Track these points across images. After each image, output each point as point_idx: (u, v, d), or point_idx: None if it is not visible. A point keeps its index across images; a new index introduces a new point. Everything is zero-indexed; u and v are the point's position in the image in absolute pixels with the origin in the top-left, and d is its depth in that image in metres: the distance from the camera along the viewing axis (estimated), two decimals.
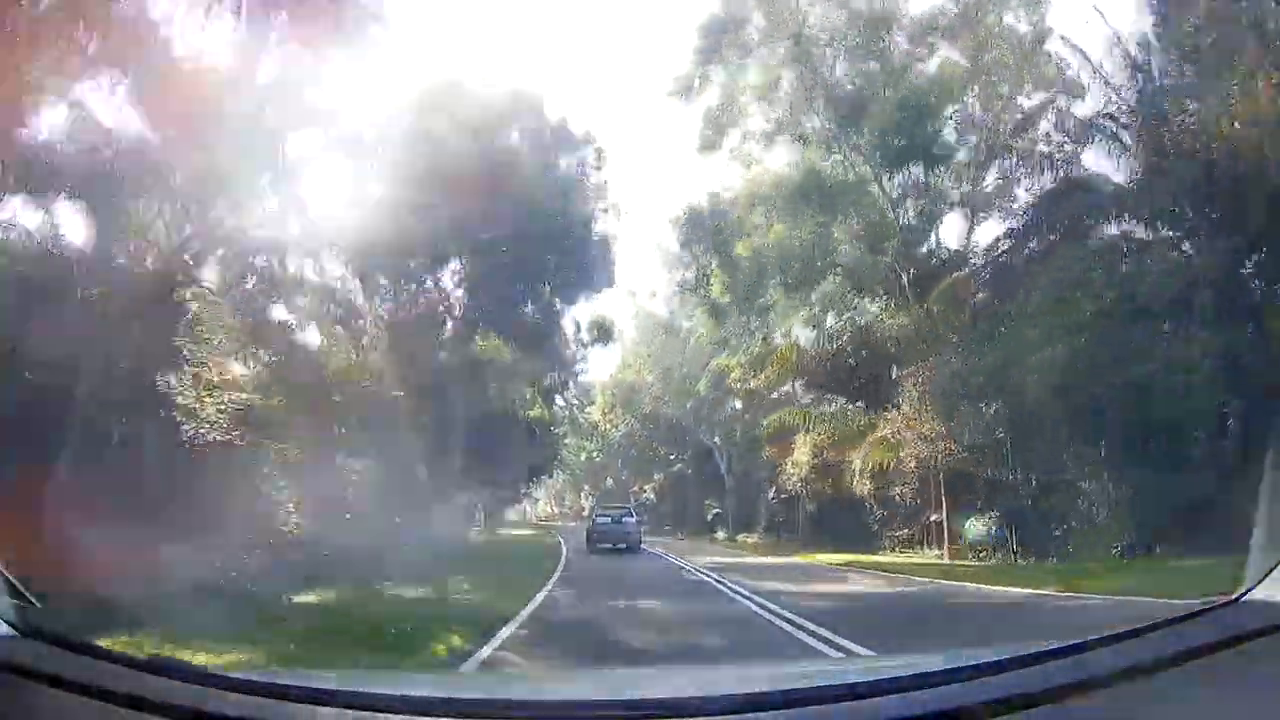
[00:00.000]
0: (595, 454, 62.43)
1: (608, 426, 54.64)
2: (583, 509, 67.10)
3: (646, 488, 58.46)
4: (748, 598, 12.09)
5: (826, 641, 7.82)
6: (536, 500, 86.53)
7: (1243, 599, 1.74)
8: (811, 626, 8.65)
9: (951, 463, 19.85)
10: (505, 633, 8.66)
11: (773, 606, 10.64)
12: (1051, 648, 1.74)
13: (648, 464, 56.52)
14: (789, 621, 9.24)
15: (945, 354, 20.80)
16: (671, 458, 52.52)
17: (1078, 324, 16.79)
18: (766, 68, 26.51)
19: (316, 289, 20.61)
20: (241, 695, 1.62)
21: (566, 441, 53.67)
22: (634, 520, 26.86)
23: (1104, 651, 1.70)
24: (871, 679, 1.92)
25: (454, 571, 15.03)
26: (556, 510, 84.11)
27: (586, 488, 69.18)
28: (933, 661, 2.20)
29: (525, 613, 10.40)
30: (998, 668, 1.72)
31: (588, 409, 53.08)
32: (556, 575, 16.76)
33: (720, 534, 41.35)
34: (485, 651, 7.50)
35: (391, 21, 20.53)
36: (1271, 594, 1.69)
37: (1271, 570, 1.73)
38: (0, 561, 1.81)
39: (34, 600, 1.76)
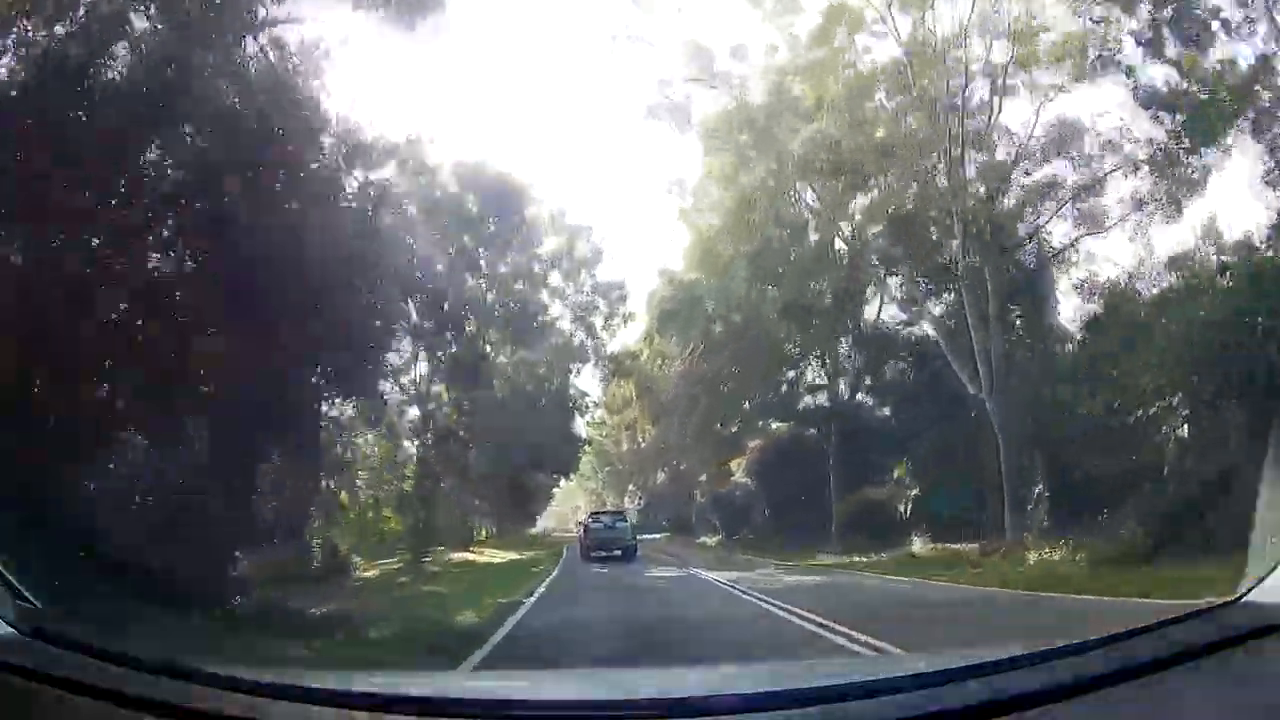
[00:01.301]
0: (640, 429, 42.79)
1: (655, 366, 35.23)
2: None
3: (736, 466, 33.75)
4: None
5: None
6: (577, 507, 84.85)
7: (1243, 599, 1.73)
8: None
9: None
10: None
11: None
12: (1052, 648, 1.75)
13: (720, 439, 32.81)
14: None
15: None
16: (763, 425, 31.51)
17: None
18: None
19: None
20: (242, 695, 1.64)
21: (589, 404, 38.07)
22: (627, 525, 26.71)
23: (1104, 651, 1.70)
24: (872, 679, 1.91)
25: None
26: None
27: (632, 486, 55.89)
28: (935, 661, 2.18)
29: None
30: (999, 668, 1.72)
31: (615, 323, 34.13)
32: None
33: (916, 545, 19.53)
34: None
35: None
36: (1271, 594, 1.68)
37: (1272, 570, 1.72)
38: None
39: (34, 600, 1.82)
